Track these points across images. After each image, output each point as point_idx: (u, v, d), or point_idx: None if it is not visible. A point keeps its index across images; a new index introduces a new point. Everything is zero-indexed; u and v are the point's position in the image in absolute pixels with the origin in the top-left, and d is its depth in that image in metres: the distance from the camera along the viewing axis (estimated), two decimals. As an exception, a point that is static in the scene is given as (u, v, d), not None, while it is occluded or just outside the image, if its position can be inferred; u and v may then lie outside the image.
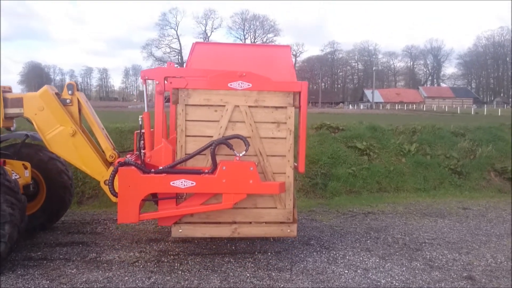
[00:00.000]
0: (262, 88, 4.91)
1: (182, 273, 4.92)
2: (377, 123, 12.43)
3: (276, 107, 4.96)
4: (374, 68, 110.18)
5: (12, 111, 5.46)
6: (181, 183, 4.70)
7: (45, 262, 5.22)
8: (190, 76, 4.96)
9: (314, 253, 5.62)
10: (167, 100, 5.21)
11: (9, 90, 5.63)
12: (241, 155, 4.76)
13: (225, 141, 4.82)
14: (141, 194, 4.76)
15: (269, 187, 4.88)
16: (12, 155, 6.00)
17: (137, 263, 5.20)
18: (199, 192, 4.83)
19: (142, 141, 5.18)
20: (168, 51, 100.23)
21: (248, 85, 4.89)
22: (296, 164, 5.19)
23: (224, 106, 4.90)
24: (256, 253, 5.59)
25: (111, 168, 5.24)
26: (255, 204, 5.05)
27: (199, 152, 4.87)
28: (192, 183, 4.72)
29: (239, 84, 4.88)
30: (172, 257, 5.41)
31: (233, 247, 5.78)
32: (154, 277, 4.80)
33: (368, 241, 6.17)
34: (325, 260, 5.41)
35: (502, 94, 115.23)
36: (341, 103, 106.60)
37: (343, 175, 9.57)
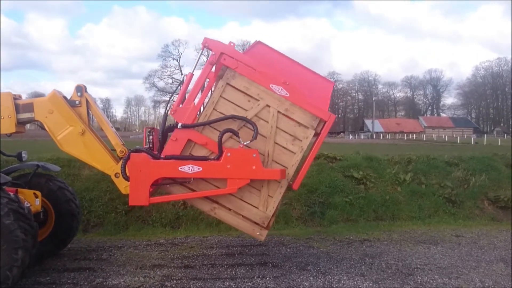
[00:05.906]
0: (296, 102, 5.26)
1: (184, 296, 5.18)
2: (373, 153, 12.77)
3: (300, 124, 5.30)
4: (374, 98, 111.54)
5: (24, 116, 5.76)
6: (189, 168, 5.03)
7: (54, 286, 5.49)
8: (242, 62, 5.31)
9: (311, 278, 5.88)
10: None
11: (19, 97, 5.95)
12: (245, 143, 5.10)
13: (235, 131, 5.14)
14: (151, 178, 5.09)
15: (271, 173, 5.16)
16: (23, 184, 6.33)
17: None
18: (205, 177, 5.16)
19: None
20: (170, 82, 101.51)
21: (286, 93, 5.25)
22: (291, 183, 5.49)
23: (258, 100, 5.26)
24: (255, 277, 5.85)
25: (121, 162, 5.46)
26: (242, 196, 5.33)
27: (218, 120, 5.20)
28: (199, 169, 5.05)
29: (279, 89, 5.25)
30: (175, 281, 5.67)
31: (233, 272, 6.05)
32: (157, 300, 5.06)
33: (363, 267, 6.42)
34: (321, 284, 5.66)
35: (502, 124, 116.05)
36: (342, 133, 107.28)
37: (340, 204, 9.86)
